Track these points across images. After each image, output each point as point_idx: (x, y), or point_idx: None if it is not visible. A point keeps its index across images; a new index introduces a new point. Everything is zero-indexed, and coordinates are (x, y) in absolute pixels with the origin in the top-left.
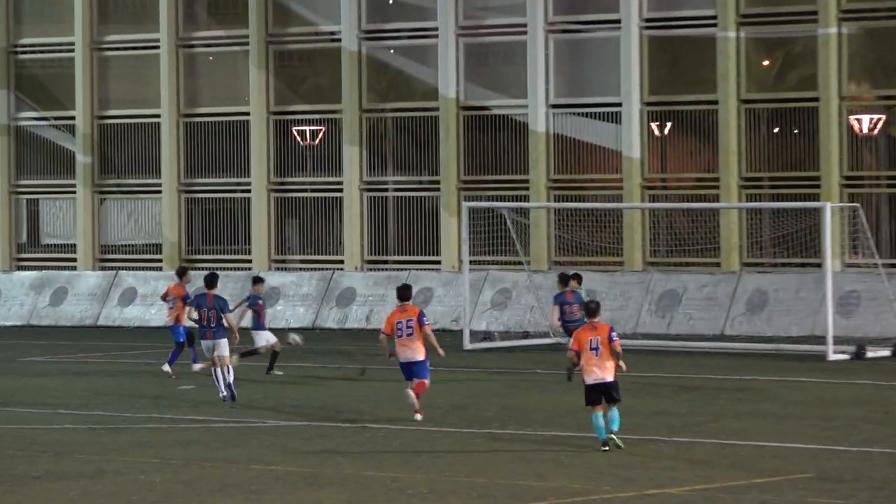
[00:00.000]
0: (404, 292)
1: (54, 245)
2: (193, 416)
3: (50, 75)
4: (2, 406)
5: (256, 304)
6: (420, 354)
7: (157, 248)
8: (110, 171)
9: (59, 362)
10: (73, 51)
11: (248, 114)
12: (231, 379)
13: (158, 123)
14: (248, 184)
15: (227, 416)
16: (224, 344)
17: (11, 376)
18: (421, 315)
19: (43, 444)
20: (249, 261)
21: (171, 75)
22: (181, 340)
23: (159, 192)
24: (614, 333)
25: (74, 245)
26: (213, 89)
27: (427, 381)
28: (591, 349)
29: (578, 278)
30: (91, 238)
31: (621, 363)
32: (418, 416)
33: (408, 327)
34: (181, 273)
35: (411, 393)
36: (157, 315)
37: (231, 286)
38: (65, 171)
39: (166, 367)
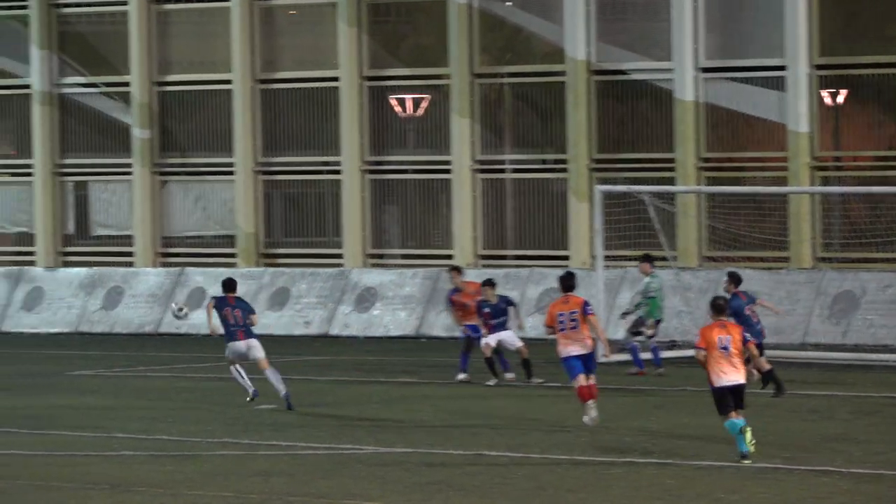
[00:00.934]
0: (568, 282)
1: (107, 237)
2: (275, 441)
3: (100, 34)
4: (47, 429)
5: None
6: (589, 346)
7: (230, 240)
8: (173, 147)
9: (114, 377)
10: (126, 3)
11: (336, 79)
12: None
13: (230, 91)
14: (338, 163)
15: (317, 442)
16: (258, 345)
17: (58, 394)
18: (585, 305)
19: (97, 474)
20: (340, 255)
21: (244, 33)
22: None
23: (231, 172)
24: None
25: (131, 237)
26: (294, 50)
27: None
28: (721, 349)
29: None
30: (151, 228)
31: (752, 370)
32: (590, 416)
33: (571, 319)
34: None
35: (591, 406)
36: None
37: (319, 286)
38: (118, 147)
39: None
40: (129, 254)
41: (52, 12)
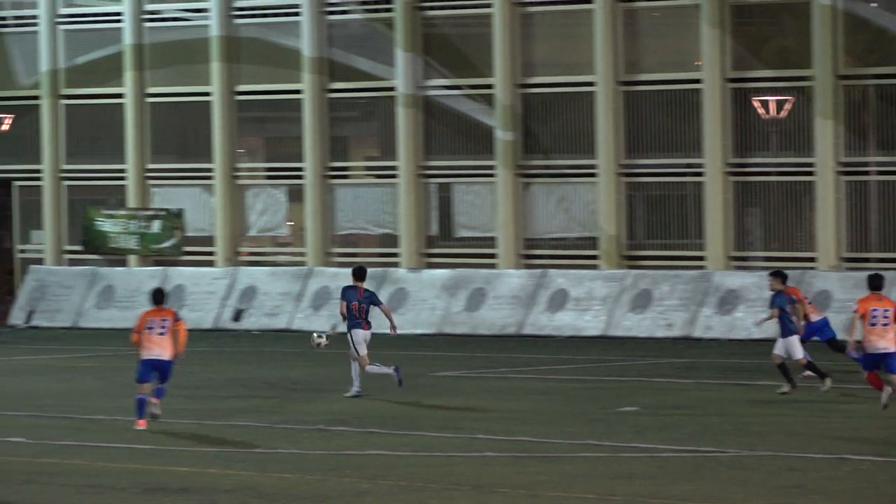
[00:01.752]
0: (875, 282)
1: (470, 238)
2: (638, 444)
3: (464, 36)
4: (411, 430)
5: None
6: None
7: (592, 242)
8: (536, 149)
9: (477, 378)
10: (490, 6)
11: (699, 81)
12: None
13: (593, 93)
14: (700, 165)
15: (678, 444)
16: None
17: (422, 394)
18: None
19: (459, 475)
20: (702, 258)
21: (607, 35)
22: None
23: (594, 174)
24: None
25: (494, 238)
26: (657, 52)
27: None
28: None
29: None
30: (514, 230)
31: None
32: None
33: (884, 316)
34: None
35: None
36: (593, 322)
37: (681, 288)
38: (482, 149)
39: None
40: (492, 255)
41: (417, 15)
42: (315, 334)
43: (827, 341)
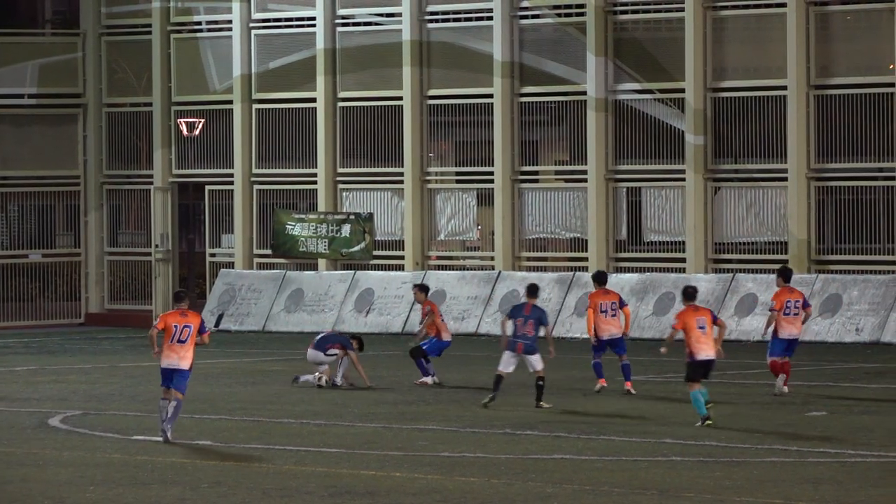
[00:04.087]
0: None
1: (659, 243)
2: (825, 449)
3: (655, 40)
4: (596, 434)
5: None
6: None
7: (782, 246)
8: (726, 153)
9: (663, 382)
10: (682, 10)
11: (893, 85)
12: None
13: (784, 97)
14: (893, 170)
15: (865, 449)
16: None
17: (607, 398)
18: None
19: (645, 480)
20: (893, 262)
21: (799, 39)
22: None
23: (784, 179)
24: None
25: (683, 242)
26: (850, 55)
27: None
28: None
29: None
30: (703, 234)
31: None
32: None
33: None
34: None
35: None
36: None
37: (871, 293)
38: (672, 154)
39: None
40: (681, 259)
41: (609, 19)
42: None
43: None
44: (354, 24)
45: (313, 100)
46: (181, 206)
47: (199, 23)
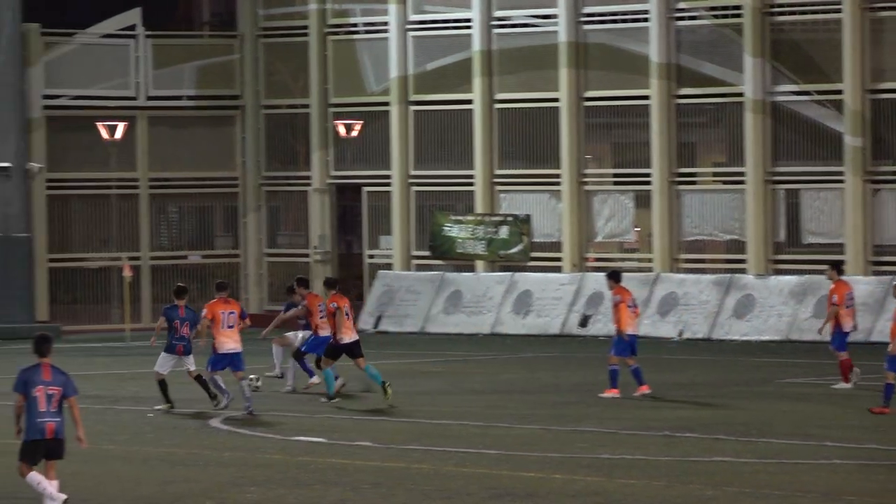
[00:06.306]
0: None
1: (817, 245)
2: None
3: (812, 41)
4: (757, 437)
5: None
6: None
7: None
8: (885, 155)
9: (824, 384)
10: (839, 11)
11: None
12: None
13: None
14: None
15: None
16: None
17: (767, 400)
18: None
19: (806, 483)
20: None
21: None
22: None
23: None
24: None
25: (842, 245)
26: None
27: None
28: None
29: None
30: (863, 236)
31: None
32: None
33: None
34: None
35: None
36: None
37: None
38: (830, 155)
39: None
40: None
41: (766, 21)
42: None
43: None
44: (511, 26)
45: (470, 101)
46: (339, 208)
47: (356, 24)
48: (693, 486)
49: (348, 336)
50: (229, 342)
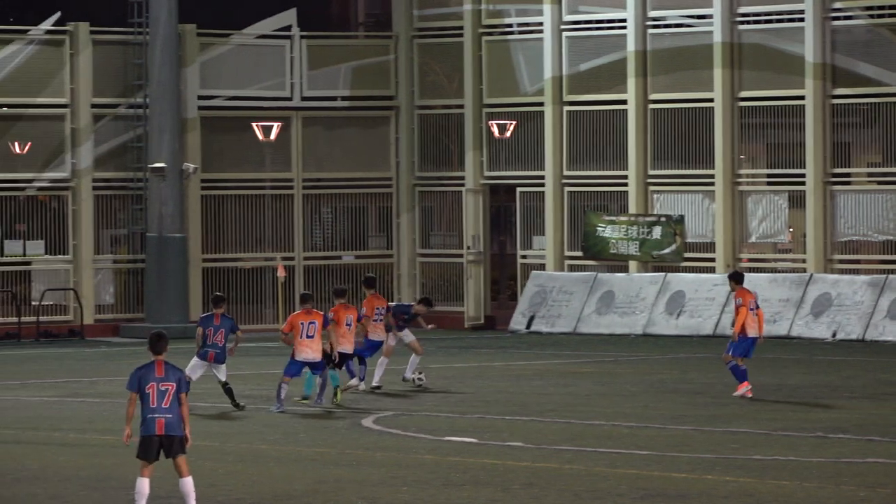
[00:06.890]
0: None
1: None
2: None
3: None
4: None
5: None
6: None
7: None
8: None
9: None
10: None
11: None
12: None
13: None
14: None
15: None
16: None
17: None
18: None
19: None
20: None
21: None
22: None
23: None
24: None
25: None
26: None
27: None
28: None
29: None
30: None
31: None
32: None
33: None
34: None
35: None
36: None
37: None
38: None
39: None
40: None
41: None
42: None
43: None
44: (665, 26)
45: (624, 101)
46: (493, 208)
47: (510, 25)
48: (846, 487)
49: (346, 347)
50: (308, 351)
